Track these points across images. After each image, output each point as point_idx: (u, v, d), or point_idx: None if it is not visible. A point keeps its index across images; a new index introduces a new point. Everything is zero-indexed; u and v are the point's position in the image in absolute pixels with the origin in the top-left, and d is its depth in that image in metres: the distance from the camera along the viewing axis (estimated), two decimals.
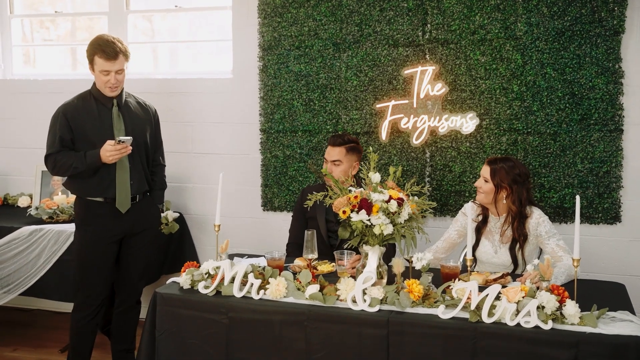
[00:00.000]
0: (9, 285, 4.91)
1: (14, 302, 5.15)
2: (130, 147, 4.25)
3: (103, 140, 4.25)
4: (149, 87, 5.63)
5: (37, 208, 5.32)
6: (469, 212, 3.74)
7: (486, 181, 4.09)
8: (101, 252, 4.40)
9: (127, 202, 4.38)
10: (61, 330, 5.56)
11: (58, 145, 4.33)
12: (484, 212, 4.19)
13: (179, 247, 5.47)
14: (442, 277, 3.61)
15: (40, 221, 5.17)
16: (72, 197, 5.43)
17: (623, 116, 4.56)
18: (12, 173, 6.05)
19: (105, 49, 4.28)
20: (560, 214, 4.70)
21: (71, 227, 4.92)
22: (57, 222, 5.16)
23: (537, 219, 4.03)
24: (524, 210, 4.05)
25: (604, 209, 4.63)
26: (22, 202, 5.76)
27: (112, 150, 4.15)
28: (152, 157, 4.63)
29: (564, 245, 3.93)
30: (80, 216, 4.46)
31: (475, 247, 4.15)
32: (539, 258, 4.06)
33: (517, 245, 4.03)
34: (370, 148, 4.12)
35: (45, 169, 5.72)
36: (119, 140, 4.17)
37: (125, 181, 4.37)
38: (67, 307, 5.93)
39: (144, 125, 4.53)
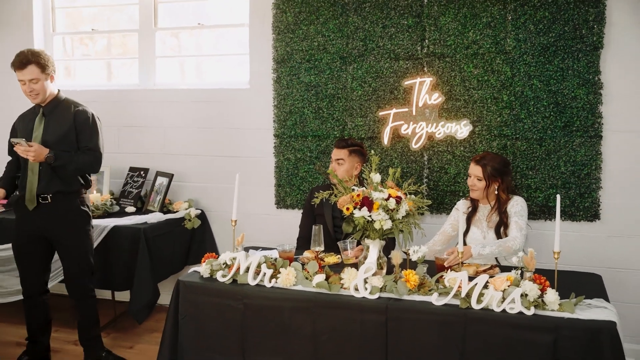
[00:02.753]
0: (51, 273, 4.92)
1: (54, 289, 5.16)
2: (30, 149, 4.05)
3: None
4: (176, 97, 5.70)
5: None
6: (461, 207, 3.78)
7: (479, 179, 4.12)
8: (23, 246, 4.35)
9: (33, 201, 4.23)
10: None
11: (9, 151, 4.38)
12: (474, 204, 4.23)
13: (201, 241, 5.51)
14: (436, 267, 3.62)
15: None
16: (107, 195, 5.49)
17: (602, 124, 4.54)
18: None
19: (15, 60, 4.21)
20: (545, 212, 4.68)
21: (104, 222, 4.98)
22: (92, 217, 5.17)
23: (514, 201, 4.10)
24: (510, 196, 4.12)
25: (585, 208, 4.61)
26: None
27: (18, 150, 4.09)
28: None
29: (522, 226, 3.97)
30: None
31: (465, 233, 4.16)
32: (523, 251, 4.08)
33: (502, 228, 4.07)
34: (372, 151, 4.12)
35: None
36: (11, 142, 4.13)
37: (33, 181, 4.22)
38: (101, 293, 5.97)
39: (62, 129, 4.25)
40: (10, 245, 4.53)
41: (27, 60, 4.19)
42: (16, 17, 6.14)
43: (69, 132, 4.27)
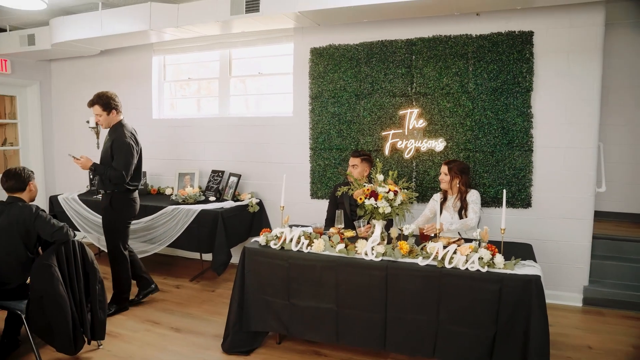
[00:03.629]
0: (160, 241, 5.02)
1: (162, 251, 5.25)
2: (79, 160, 4.09)
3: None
4: (242, 122, 5.72)
5: (175, 195, 5.42)
6: (436, 198, 3.77)
7: (446, 174, 4.15)
8: None
9: (99, 196, 4.30)
10: (189, 269, 5.66)
11: None
12: (444, 195, 4.22)
13: (259, 220, 5.50)
14: (420, 236, 3.61)
15: (177, 203, 5.27)
16: (196, 189, 5.55)
17: (533, 142, 4.50)
18: (163, 174, 6.17)
19: (88, 102, 4.15)
20: (495, 202, 4.65)
21: (195, 207, 5.03)
22: (187, 204, 5.26)
23: (471, 193, 4.09)
24: (468, 190, 4.10)
25: (521, 199, 4.58)
26: (168, 191, 5.88)
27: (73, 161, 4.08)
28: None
29: (476, 210, 3.97)
30: None
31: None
32: (478, 227, 4.06)
33: (463, 211, 4.06)
34: (378, 160, 4.11)
35: (181, 171, 5.85)
36: (68, 155, 4.11)
37: (97, 183, 4.33)
38: (193, 255, 6.05)
39: (105, 149, 4.19)
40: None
41: (93, 101, 4.14)
42: (141, 71, 6.24)
43: (107, 153, 4.16)
